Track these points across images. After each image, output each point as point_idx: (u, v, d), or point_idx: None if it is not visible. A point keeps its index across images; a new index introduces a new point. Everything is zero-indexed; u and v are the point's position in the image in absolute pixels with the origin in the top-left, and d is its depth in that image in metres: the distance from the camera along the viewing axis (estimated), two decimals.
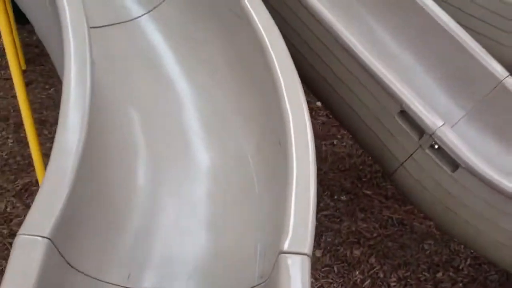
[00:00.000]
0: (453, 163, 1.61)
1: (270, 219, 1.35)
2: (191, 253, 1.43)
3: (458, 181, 1.61)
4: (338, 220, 2.22)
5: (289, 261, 1.14)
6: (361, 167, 2.55)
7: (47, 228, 1.15)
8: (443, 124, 1.64)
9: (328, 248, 2.07)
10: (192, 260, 1.43)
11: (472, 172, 1.57)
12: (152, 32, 1.74)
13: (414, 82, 1.99)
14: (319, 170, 2.56)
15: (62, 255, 1.19)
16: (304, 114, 1.36)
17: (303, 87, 1.48)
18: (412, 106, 1.65)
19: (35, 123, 2.01)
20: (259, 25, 1.53)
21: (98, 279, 1.32)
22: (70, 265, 1.24)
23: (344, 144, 2.70)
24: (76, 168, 1.23)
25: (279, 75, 1.42)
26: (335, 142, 2.73)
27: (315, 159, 1.29)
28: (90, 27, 1.48)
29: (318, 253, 2.06)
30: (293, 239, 1.17)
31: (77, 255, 1.26)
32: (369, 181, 2.47)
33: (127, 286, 1.35)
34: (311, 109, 2.97)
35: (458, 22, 2.02)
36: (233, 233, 1.46)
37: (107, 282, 1.33)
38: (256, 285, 1.29)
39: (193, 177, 1.54)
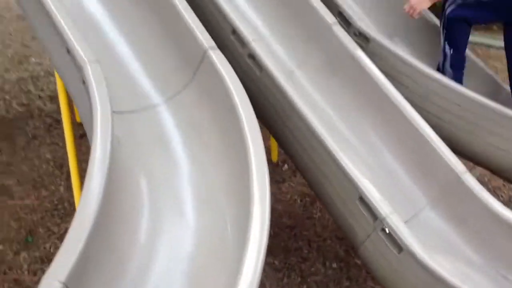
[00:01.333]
0: (399, 246, 1.90)
1: None
2: None
3: (403, 261, 1.89)
4: (325, 286, 2.52)
5: None
6: None
7: (63, 275, 1.55)
8: (392, 212, 1.94)
9: None
10: None
11: (412, 255, 1.85)
12: (166, 117, 2.19)
13: (385, 169, 2.31)
14: (319, 236, 2.89)
15: None
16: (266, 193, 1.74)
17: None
18: (368, 195, 1.97)
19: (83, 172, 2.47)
20: (243, 117, 1.94)
21: None
22: None
23: None
24: (92, 226, 1.64)
25: (252, 154, 1.83)
26: None
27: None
28: (114, 112, 1.95)
29: None
30: None
31: None
32: None
33: None
34: None
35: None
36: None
37: None
38: None
39: (184, 235, 1.94)
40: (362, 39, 2.77)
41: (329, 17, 2.64)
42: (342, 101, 2.49)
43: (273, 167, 3.43)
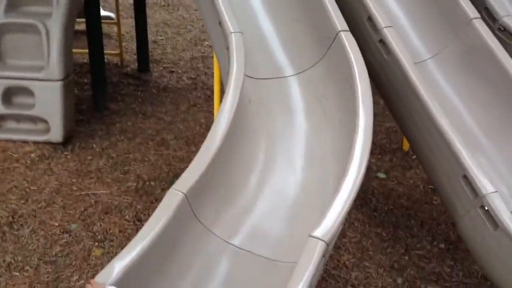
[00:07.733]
0: (495, 223, 1.97)
1: None
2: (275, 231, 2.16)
3: (497, 238, 1.96)
4: (428, 260, 2.62)
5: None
6: None
7: (185, 187, 1.96)
8: (494, 192, 2.01)
9: (409, 280, 2.51)
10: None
11: (507, 233, 1.92)
12: (295, 88, 2.49)
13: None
14: (434, 220, 2.95)
15: (190, 205, 1.99)
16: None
17: None
18: (472, 174, 2.06)
19: None
20: (360, 93, 2.16)
21: (210, 230, 2.08)
22: (194, 214, 2.03)
23: None
24: (215, 153, 2.04)
25: (361, 121, 2.08)
26: None
27: None
28: (248, 76, 2.30)
29: (399, 281, 2.51)
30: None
31: (201, 209, 2.04)
32: None
33: (227, 241, 2.09)
34: None
35: None
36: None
37: (215, 235, 2.09)
38: None
39: (291, 183, 2.27)
40: (506, 35, 2.77)
41: (471, 11, 2.69)
42: (477, 98, 2.57)
43: (403, 155, 3.55)
